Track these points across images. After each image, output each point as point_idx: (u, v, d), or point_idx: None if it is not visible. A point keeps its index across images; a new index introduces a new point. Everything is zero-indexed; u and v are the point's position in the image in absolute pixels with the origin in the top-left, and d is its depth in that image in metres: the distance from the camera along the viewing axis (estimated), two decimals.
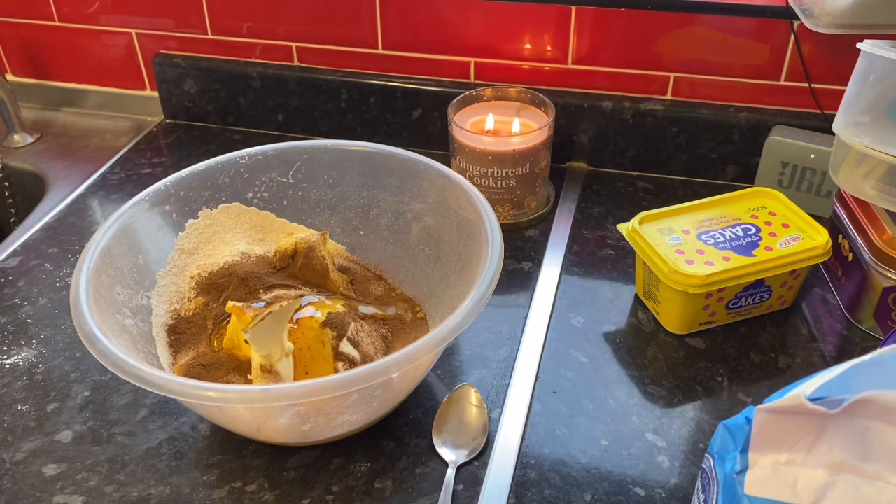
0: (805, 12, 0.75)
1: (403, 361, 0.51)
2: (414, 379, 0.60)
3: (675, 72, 0.89)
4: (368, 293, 0.71)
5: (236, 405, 0.52)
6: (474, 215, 0.63)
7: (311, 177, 0.72)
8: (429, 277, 0.70)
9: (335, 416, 0.56)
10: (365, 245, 0.74)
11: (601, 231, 0.84)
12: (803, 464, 0.40)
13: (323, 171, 0.73)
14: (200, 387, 0.50)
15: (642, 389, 0.65)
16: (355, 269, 0.73)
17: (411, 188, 0.71)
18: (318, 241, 0.70)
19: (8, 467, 0.59)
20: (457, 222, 0.67)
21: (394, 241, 0.73)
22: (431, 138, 0.97)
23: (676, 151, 0.91)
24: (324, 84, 0.98)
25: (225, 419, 0.58)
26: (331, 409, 0.55)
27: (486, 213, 0.62)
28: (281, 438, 0.59)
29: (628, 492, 0.57)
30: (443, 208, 0.68)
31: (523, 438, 0.61)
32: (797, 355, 0.68)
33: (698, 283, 0.65)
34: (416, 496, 0.57)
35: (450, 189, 0.67)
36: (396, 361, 0.51)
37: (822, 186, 0.83)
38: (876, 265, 0.67)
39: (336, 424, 0.57)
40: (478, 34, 0.92)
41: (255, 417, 0.55)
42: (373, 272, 0.74)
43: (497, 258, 0.58)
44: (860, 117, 0.67)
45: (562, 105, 0.90)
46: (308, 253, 0.69)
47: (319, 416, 0.55)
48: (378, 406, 0.58)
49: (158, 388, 0.50)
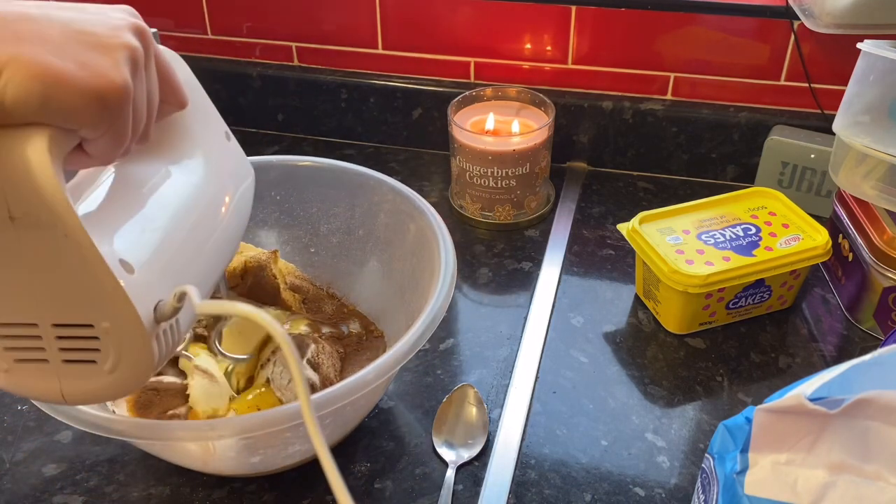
0: (805, 12, 0.75)
1: (354, 389, 0.48)
2: (369, 403, 0.59)
3: (676, 72, 0.89)
4: (321, 312, 0.69)
5: (177, 440, 0.49)
6: (427, 230, 0.62)
7: (258, 194, 0.65)
8: (382, 294, 0.68)
9: (285, 448, 0.54)
10: (316, 262, 0.72)
11: (601, 231, 0.84)
12: (803, 464, 0.40)
13: (270, 188, 0.70)
14: (126, 422, 0.47)
15: (642, 389, 0.65)
16: (307, 288, 0.71)
17: (362, 203, 0.69)
18: (269, 259, 0.67)
19: (8, 467, 0.59)
20: (409, 237, 0.65)
21: (346, 257, 0.71)
22: (431, 138, 0.97)
23: (676, 151, 0.91)
24: (324, 84, 0.98)
25: (171, 454, 0.56)
26: (278, 440, 0.52)
27: (439, 228, 0.61)
28: (231, 471, 0.57)
29: (628, 492, 0.57)
30: (395, 223, 0.67)
31: (523, 438, 0.61)
32: (797, 355, 0.68)
33: (698, 283, 0.65)
34: (416, 496, 0.57)
35: (401, 204, 0.66)
36: (345, 390, 0.48)
37: (822, 186, 0.83)
38: (876, 265, 0.67)
39: (288, 454, 0.55)
40: (478, 34, 0.92)
41: (201, 451, 0.53)
42: (325, 291, 0.72)
43: (450, 271, 0.57)
44: (860, 117, 0.67)
45: (562, 105, 0.90)
46: (258, 272, 0.66)
47: (268, 448, 0.53)
48: (332, 432, 0.57)
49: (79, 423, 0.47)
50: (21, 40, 0.33)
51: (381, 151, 0.99)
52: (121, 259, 0.37)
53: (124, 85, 0.36)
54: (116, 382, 0.38)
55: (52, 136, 0.34)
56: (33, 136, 0.34)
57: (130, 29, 0.38)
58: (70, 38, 0.35)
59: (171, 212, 0.44)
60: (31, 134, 0.34)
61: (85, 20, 0.36)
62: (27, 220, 0.34)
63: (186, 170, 0.47)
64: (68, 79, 0.34)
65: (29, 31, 0.34)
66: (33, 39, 0.34)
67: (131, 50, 0.37)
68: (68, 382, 0.39)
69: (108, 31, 0.37)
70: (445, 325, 0.72)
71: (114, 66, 0.36)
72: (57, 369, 0.38)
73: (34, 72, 0.33)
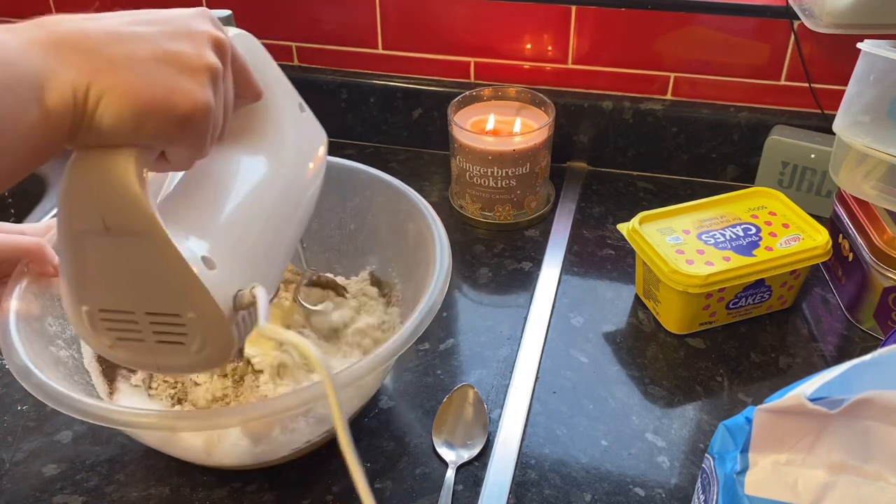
0: (805, 12, 0.75)
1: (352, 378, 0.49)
2: (366, 394, 0.60)
3: (676, 72, 0.89)
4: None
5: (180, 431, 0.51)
6: (420, 220, 0.63)
7: None
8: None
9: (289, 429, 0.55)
10: (308, 258, 0.71)
11: (601, 231, 0.84)
12: (803, 464, 0.40)
13: None
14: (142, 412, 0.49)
15: (642, 389, 0.65)
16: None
17: (353, 198, 0.69)
18: None
19: (8, 467, 0.59)
20: (402, 227, 0.65)
21: (337, 251, 0.72)
22: (431, 138, 0.97)
23: (677, 151, 0.91)
24: (324, 84, 0.98)
25: (172, 447, 0.56)
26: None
27: (433, 219, 0.62)
28: (236, 460, 0.57)
29: (628, 492, 0.57)
30: (388, 217, 0.67)
31: (523, 438, 0.61)
32: (797, 355, 0.68)
33: (698, 283, 0.65)
34: (416, 496, 0.57)
35: (393, 197, 0.66)
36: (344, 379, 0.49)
37: (822, 186, 0.83)
38: (876, 265, 0.67)
39: (293, 439, 0.56)
40: (478, 34, 0.92)
41: (205, 441, 0.54)
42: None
43: (445, 259, 0.57)
44: (860, 117, 0.67)
45: (562, 105, 0.90)
46: None
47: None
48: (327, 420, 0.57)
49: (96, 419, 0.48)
50: (115, 67, 0.35)
51: (381, 151, 0.99)
52: (203, 256, 0.41)
53: (208, 106, 0.38)
54: (203, 360, 0.43)
55: (138, 154, 0.37)
56: (122, 156, 0.37)
57: (211, 44, 0.40)
58: (159, 59, 0.37)
59: (250, 201, 0.47)
60: (120, 154, 0.37)
61: (170, 35, 0.38)
62: (120, 230, 0.39)
63: (261, 156, 0.49)
64: (158, 107, 0.36)
65: (121, 55, 0.36)
66: (126, 64, 0.36)
67: (213, 69, 0.39)
68: (162, 359, 0.43)
69: (193, 50, 0.38)
70: (445, 325, 0.72)
71: (199, 89, 0.38)
72: (152, 348, 0.43)
73: (128, 101, 0.35)
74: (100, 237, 0.39)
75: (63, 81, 0.34)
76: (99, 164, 0.37)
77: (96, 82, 0.35)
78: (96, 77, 0.35)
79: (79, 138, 0.36)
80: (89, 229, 0.39)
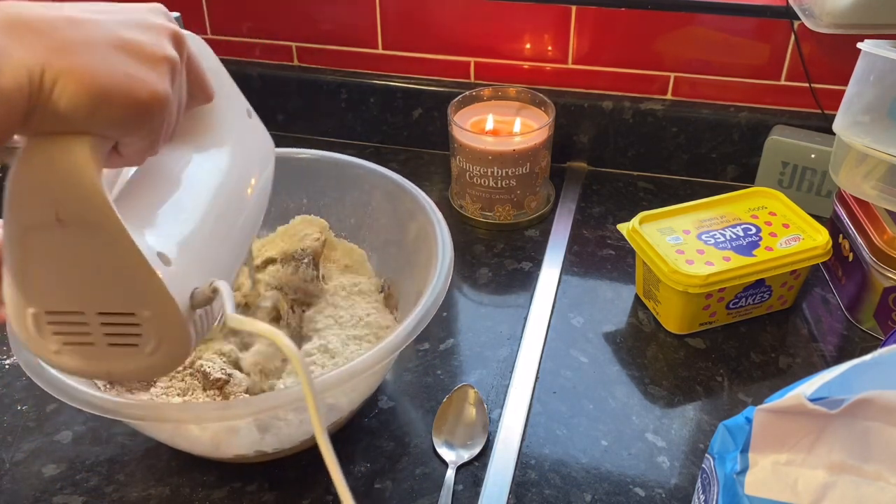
0: (805, 12, 0.75)
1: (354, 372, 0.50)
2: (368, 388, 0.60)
3: (676, 72, 0.89)
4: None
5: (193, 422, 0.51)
6: (421, 215, 0.63)
7: None
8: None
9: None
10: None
11: (601, 231, 0.84)
12: (803, 464, 0.40)
13: None
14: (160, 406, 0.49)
15: (642, 389, 0.65)
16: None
17: (352, 192, 0.70)
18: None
19: (8, 467, 0.59)
20: (404, 222, 0.66)
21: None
22: (431, 138, 0.97)
23: (677, 151, 0.91)
24: (324, 84, 0.98)
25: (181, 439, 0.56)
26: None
27: (434, 212, 0.63)
28: (245, 449, 0.57)
29: (628, 492, 0.57)
30: (389, 212, 0.68)
31: (523, 438, 0.61)
32: (797, 355, 0.68)
33: (698, 283, 0.65)
34: (416, 496, 0.57)
35: (393, 191, 0.67)
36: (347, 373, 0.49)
37: (822, 186, 0.83)
38: (876, 265, 0.67)
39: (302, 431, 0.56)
40: (478, 34, 0.92)
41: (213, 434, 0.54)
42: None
43: (448, 254, 0.58)
44: (860, 117, 0.67)
45: (562, 105, 0.90)
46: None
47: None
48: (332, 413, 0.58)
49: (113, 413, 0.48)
50: (72, 50, 0.34)
51: (381, 151, 0.99)
52: (158, 252, 0.40)
53: (166, 97, 0.38)
54: (157, 363, 0.42)
55: (93, 143, 0.36)
56: (78, 144, 0.36)
57: (169, 37, 0.39)
58: (117, 47, 0.36)
59: (202, 199, 0.46)
60: (76, 141, 0.36)
61: (128, 24, 0.37)
62: (73, 222, 0.37)
63: (211, 155, 0.49)
64: (116, 92, 0.35)
65: (79, 38, 0.35)
66: (83, 48, 0.35)
67: (172, 62, 0.38)
68: (113, 363, 0.42)
69: (152, 40, 0.38)
70: (445, 325, 0.72)
71: (158, 79, 0.37)
72: (102, 351, 0.41)
73: (86, 84, 0.34)
74: (50, 231, 0.37)
75: (16, 62, 0.33)
76: (53, 150, 0.36)
77: (52, 64, 0.34)
78: (52, 58, 0.34)
79: (33, 122, 0.35)
80: (40, 222, 0.37)
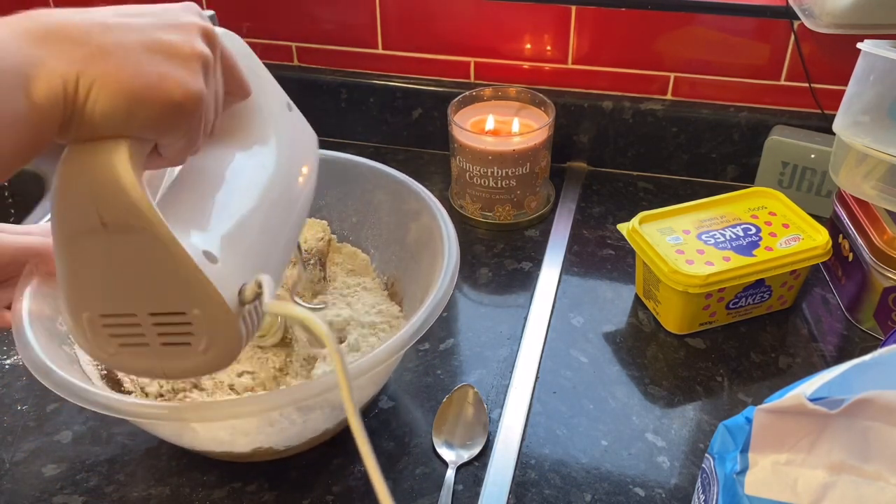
0: (805, 12, 0.75)
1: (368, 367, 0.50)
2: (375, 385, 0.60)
3: (676, 72, 0.89)
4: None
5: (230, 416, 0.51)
6: (425, 211, 0.63)
7: None
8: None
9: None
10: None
11: (601, 231, 0.84)
12: (803, 464, 0.40)
13: None
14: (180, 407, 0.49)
15: (642, 389, 0.65)
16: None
17: (354, 190, 0.70)
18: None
19: (8, 467, 0.59)
20: (409, 223, 0.66)
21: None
22: (431, 138, 0.97)
23: (677, 151, 0.91)
24: (324, 84, 0.98)
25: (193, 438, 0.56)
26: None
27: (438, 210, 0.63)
28: (258, 443, 0.57)
29: (628, 492, 0.57)
30: (393, 210, 0.68)
31: (523, 438, 0.61)
32: (797, 355, 0.68)
33: (698, 283, 0.65)
34: (416, 496, 0.57)
35: (397, 189, 0.67)
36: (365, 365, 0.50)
37: (822, 186, 0.83)
38: (876, 265, 0.67)
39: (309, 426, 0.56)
40: (478, 34, 0.92)
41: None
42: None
43: (454, 252, 0.58)
44: (860, 117, 0.67)
45: (562, 105, 0.90)
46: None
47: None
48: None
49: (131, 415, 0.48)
50: (105, 56, 0.35)
51: (381, 151, 0.99)
52: (204, 251, 0.40)
53: (200, 94, 0.38)
54: (210, 360, 0.42)
55: (132, 146, 0.37)
56: (117, 148, 0.36)
57: (201, 33, 0.39)
58: (149, 48, 0.36)
59: (246, 196, 0.46)
60: (114, 146, 0.36)
61: (160, 26, 0.38)
62: (118, 226, 0.37)
63: (254, 151, 0.49)
64: (149, 94, 0.36)
65: (111, 43, 0.35)
66: (116, 53, 0.35)
67: (204, 58, 0.38)
68: (167, 362, 0.42)
69: (183, 39, 0.38)
70: (445, 325, 0.72)
71: (191, 76, 0.37)
72: (156, 352, 0.42)
73: (120, 88, 0.35)
74: (97, 236, 0.38)
75: (51, 71, 0.34)
76: (92, 156, 0.36)
77: (86, 71, 0.34)
78: (86, 66, 0.34)
79: (70, 130, 0.35)
80: (85, 228, 0.37)
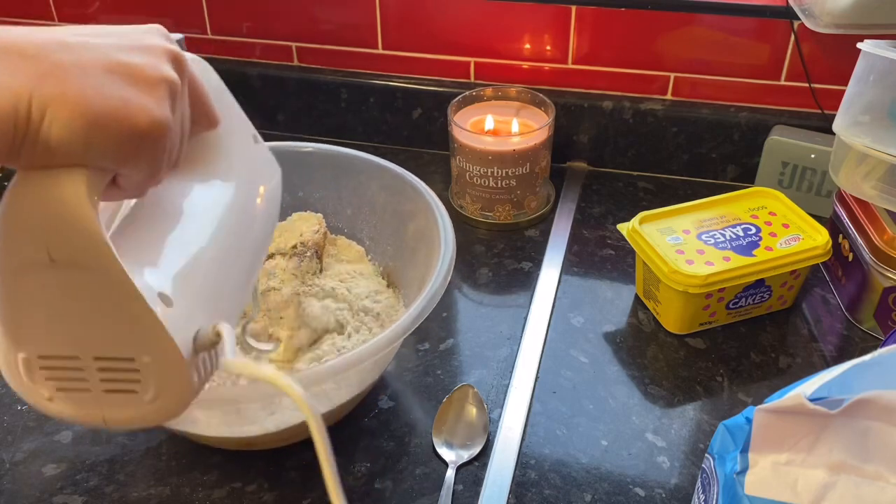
0: (805, 12, 0.75)
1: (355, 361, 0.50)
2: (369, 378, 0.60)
3: (676, 72, 0.89)
4: None
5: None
6: (422, 204, 0.64)
7: None
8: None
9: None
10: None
11: (601, 231, 0.84)
12: (803, 464, 0.40)
13: None
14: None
15: (642, 389, 0.65)
16: None
17: (349, 184, 0.71)
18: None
19: (8, 467, 0.59)
20: (403, 211, 0.67)
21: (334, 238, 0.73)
22: (431, 138, 0.97)
23: (677, 151, 0.91)
24: (324, 84, 0.98)
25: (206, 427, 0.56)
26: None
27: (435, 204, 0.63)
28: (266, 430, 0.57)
29: (628, 492, 0.57)
30: (389, 203, 0.69)
31: (523, 438, 0.61)
32: (797, 355, 0.68)
33: (698, 283, 0.65)
34: (416, 496, 0.57)
35: (392, 182, 0.68)
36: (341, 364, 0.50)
37: (822, 186, 0.83)
38: (876, 265, 0.67)
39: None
40: (478, 34, 0.92)
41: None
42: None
43: (450, 246, 0.59)
44: (860, 117, 0.67)
45: (562, 105, 0.90)
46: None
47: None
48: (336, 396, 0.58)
49: None
50: (63, 75, 0.32)
51: (381, 151, 0.98)
52: (159, 293, 0.37)
53: (166, 123, 0.35)
54: (158, 410, 0.39)
55: (89, 176, 0.33)
56: (71, 179, 0.33)
57: (168, 57, 0.36)
58: (111, 70, 0.33)
59: (206, 234, 0.43)
60: (69, 176, 0.33)
61: (123, 47, 0.35)
62: (67, 262, 0.34)
63: (216, 186, 0.46)
64: (111, 119, 0.33)
65: (70, 62, 0.32)
66: (75, 73, 0.32)
67: (171, 84, 0.36)
68: (110, 410, 0.39)
69: (148, 62, 0.35)
70: (445, 325, 0.72)
71: (156, 103, 0.34)
72: (98, 398, 0.38)
73: (78, 112, 0.32)
74: (43, 272, 0.34)
75: (1, 89, 0.30)
76: (45, 185, 0.33)
77: (40, 90, 0.31)
78: (40, 84, 0.31)
79: (22, 155, 0.32)
80: (31, 262, 0.34)
